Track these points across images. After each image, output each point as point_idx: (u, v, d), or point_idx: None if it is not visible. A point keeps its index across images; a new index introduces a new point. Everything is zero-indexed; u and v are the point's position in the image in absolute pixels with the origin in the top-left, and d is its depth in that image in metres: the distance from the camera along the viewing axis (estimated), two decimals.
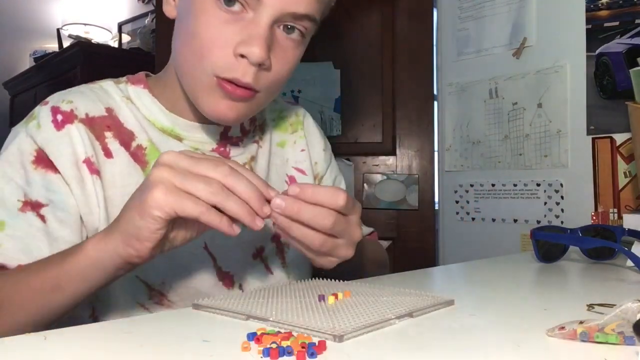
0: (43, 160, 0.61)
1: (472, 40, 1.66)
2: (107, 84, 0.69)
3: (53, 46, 2.91)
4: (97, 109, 0.65)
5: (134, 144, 0.66)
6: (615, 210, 1.33)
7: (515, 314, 0.47)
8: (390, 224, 1.87)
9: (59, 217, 0.60)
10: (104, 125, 0.65)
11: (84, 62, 2.35)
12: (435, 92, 1.85)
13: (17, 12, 3.04)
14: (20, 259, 0.56)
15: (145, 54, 2.56)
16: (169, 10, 0.65)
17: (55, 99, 0.65)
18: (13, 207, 0.59)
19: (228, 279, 0.68)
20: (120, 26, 3.02)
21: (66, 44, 2.70)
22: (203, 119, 0.68)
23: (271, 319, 0.41)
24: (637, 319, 0.36)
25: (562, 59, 1.45)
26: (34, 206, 0.59)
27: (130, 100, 0.68)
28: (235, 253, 0.69)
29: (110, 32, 2.99)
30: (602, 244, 0.79)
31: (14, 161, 0.61)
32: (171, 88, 0.68)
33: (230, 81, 0.58)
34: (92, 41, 2.77)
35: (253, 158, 0.74)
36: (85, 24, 2.86)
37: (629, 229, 0.81)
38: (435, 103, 1.86)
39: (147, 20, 2.80)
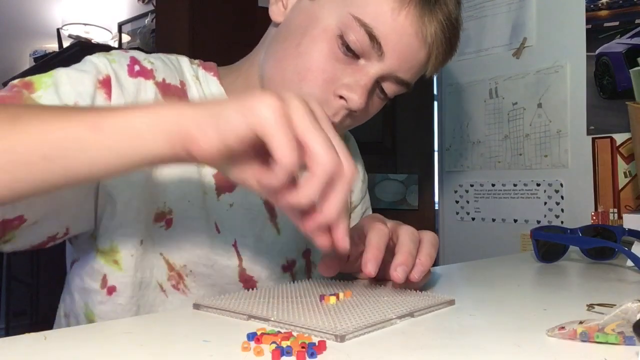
0: (107, 85, 0.57)
1: (472, 40, 1.66)
2: (183, 60, 0.68)
3: (53, 46, 2.90)
4: (173, 78, 0.64)
5: None
6: (615, 210, 1.33)
7: (515, 314, 0.47)
8: None
9: None
10: (176, 96, 0.63)
11: None
12: (435, 92, 1.85)
13: (17, 12, 3.03)
14: None
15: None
16: (277, 14, 0.64)
17: (136, 53, 0.63)
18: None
19: (251, 283, 0.66)
20: (120, 26, 3.02)
21: (66, 44, 2.70)
22: None
23: (272, 319, 0.41)
24: (637, 319, 0.36)
25: (562, 59, 1.45)
26: None
27: (199, 82, 0.67)
28: (264, 260, 0.67)
29: (110, 32, 2.99)
30: (602, 244, 0.79)
31: (86, 70, 0.57)
32: (243, 81, 0.67)
33: None
34: (92, 41, 2.77)
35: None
36: (85, 24, 2.85)
37: (629, 229, 0.81)
38: (435, 103, 1.86)
39: (147, 20, 2.80)
